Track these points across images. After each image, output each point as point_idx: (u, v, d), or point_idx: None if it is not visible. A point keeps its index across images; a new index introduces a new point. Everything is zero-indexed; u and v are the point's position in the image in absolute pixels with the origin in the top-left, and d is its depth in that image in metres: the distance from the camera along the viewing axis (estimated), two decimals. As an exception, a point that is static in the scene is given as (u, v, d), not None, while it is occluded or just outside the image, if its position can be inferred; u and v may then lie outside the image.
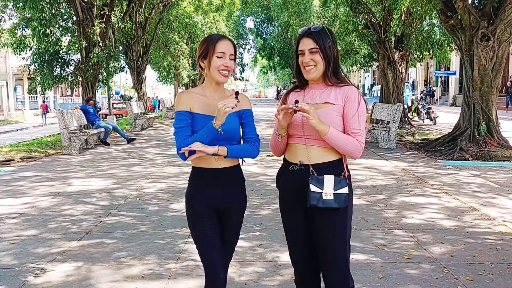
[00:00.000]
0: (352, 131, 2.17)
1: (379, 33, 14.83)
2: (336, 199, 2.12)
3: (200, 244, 2.28)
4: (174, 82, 31.60)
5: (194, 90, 2.34)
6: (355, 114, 2.17)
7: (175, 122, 2.28)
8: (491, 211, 5.15)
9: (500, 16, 9.14)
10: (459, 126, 10.19)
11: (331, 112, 2.17)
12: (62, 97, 45.76)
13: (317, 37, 2.18)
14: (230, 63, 2.25)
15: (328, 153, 2.19)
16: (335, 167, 2.19)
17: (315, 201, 2.12)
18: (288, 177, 2.27)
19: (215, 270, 2.24)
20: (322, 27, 2.21)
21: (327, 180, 2.13)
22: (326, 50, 2.17)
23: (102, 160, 9.58)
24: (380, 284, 3.29)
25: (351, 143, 2.14)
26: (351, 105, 2.18)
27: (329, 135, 2.11)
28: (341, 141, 2.13)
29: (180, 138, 2.22)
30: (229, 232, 2.34)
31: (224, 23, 28.28)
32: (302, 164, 2.20)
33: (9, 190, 6.75)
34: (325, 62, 2.18)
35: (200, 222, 2.27)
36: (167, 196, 6.09)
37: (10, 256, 4.01)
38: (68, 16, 14.31)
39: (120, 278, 3.49)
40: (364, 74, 48.78)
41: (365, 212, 5.13)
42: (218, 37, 2.27)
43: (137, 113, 17.16)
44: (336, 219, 2.18)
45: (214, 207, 2.29)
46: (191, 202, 2.31)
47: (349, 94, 2.19)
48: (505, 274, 3.46)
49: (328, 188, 2.12)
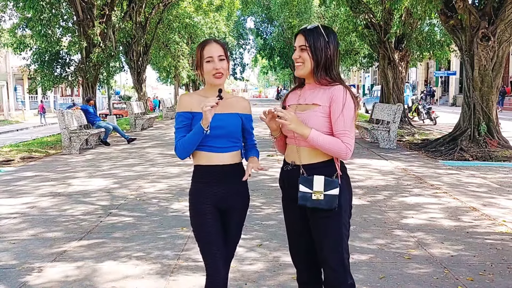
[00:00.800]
0: (337, 132, 2.15)
1: (379, 33, 14.83)
2: (325, 199, 2.13)
3: (202, 242, 2.29)
4: (174, 82, 31.62)
5: (198, 93, 2.39)
6: (339, 115, 2.14)
7: (175, 123, 2.34)
8: (491, 211, 5.15)
9: (501, 16, 9.14)
10: (459, 126, 10.19)
11: (315, 113, 2.17)
12: (62, 97, 45.79)
13: (308, 35, 2.18)
14: (219, 65, 2.27)
15: (318, 154, 2.20)
16: (326, 168, 2.19)
17: (304, 201, 2.14)
18: (282, 177, 2.33)
19: (216, 268, 2.26)
20: (317, 26, 2.20)
21: (316, 180, 2.14)
22: (315, 49, 2.16)
23: (103, 160, 9.58)
24: (381, 284, 3.30)
25: (336, 145, 2.13)
26: (336, 105, 2.15)
27: (310, 138, 2.12)
28: (324, 143, 2.12)
29: (176, 138, 2.30)
30: (231, 230, 2.36)
31: (224, 23, 28.29)
32: (294, 165, 2.24)
33: (10, 190, 6.75)
34: (312, 61, 2.18)
35: (202, 220, 2.29)
36: (168, 196, 6.09)
37: (10, 256, 4.01)
38: (69, 16, 14.32)
39: (120, 278, 3.49)
40: (364, 74, 48.75)
41: (365, 212, 5.13)
42: (204, 43, 2.32)
43: (137, 113, 17.17)
44: (328, 220, 2.18)
45: (217, 205, 2.31)
46: (193, 200, 2.33)
47: (334, 94, 2.16)
48: (505, 274, 3.46)
49: (318, 188, 2.13)
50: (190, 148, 2.26)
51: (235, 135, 2.32)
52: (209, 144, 2.28)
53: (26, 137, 18.60)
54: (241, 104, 2.40)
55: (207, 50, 2.28)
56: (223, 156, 2.29)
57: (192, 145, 2.25)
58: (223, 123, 2.27)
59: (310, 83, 2.27)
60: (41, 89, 14.61)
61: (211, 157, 2.29)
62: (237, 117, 2.34)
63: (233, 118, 2.31)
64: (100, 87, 17.34)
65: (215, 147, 2.28)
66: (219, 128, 2.26)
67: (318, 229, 2.20)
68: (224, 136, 2.28)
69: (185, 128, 2.30)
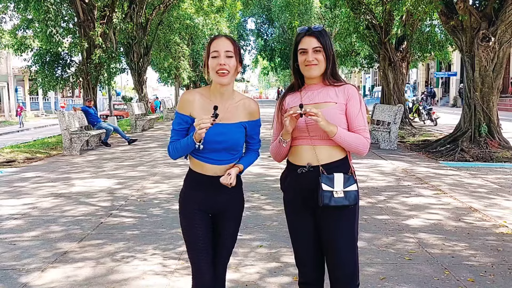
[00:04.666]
0: (358, 128, 2.20)
1: (380, 34, 14.83)
2: (346, 196, 2.15)
3: (188, 245, 2.27)
4: (175, 83, 31.65)
5: (201, 91, 2.25)
6: (359, 111, 2.21)
7: (173, 121, 2.26)
8: (492, 212, 5.15)
9: (501, 17, 9.14)
10: (460, 127, 10.19)
11: (334, 110, 2.19)
12: (63, 98, 45.82)
13: (320, 36, 2.20)
14: (225, 60, 2.10)
15: (335, 152, 2.21)
16: (343, 165, 2.21)
17: (327, 200, 2.13)
18: (294, 179, 2.25)
19: (201, 272, 2.23)
20: (323, 27, 2.25)
21: (337, 178, 2.15)
22: (328, 49, 2.21)
23: (103, 161, 9.59)
24: (381, 285, 3.29)
25: (360, 141, 2.18)
26: (354, 103, 2.21)
27: (338, 135, 2.13)
28: (350, 139, 2.16)
29: (170, 139, 2.26)
30: (223, 236, 2.31)
31: (225, 25, 28.30)
32: (310, 166, 2.20)
33: (11, 191, 6.76)
34: (327, 61, 2.21)
35: (189, 224, 2.26)
36: (169, 197, 6.10)
37: (11, 257, 4.02)
38: (70, 17, 14.34)
39: (121, 279, 3.49)
40: (365, 75, 48.77)
41: (366, 213, 5.13)
42: (213, 38, 2.18)
43: (138, 114, 17.18)
44: (345, 218, 2.20)
45: (207, 210, 2.27)
46: (183, 203, 2.31)
47: (351, 92, 2.23)
48: (506, 275, 3.46)
49: (338, 186, 2.14)
50: (181, 153, 2.21)
51: (236, 148, 2.23)
52: (205, 156, 2.20)
53: (27, 138, 18.62)
54: (248, 109, 2.24)
55: (214, 44, 2.13)
56: (219, 168, 2.21)
57: (183, 152, 2.19)
58: (223, 138, 2.15)
59: (315, 83, 2.26)
60: (41, 90, 14.59)
61: (205, 166, 2.21)
62: (241, 128, 2.22)
63: (235, 130, 2.19)
64: (101, 88, 17.35)
65: (212, 159, 2.20)
66: (218, 143, 2.16)
67: (332, 229, 2.20)
68: (224, 150, 2.19)
69: (181, 132, 2.21)
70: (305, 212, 2.26)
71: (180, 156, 2.23)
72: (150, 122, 18.08)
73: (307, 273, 2.34)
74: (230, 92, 2.24)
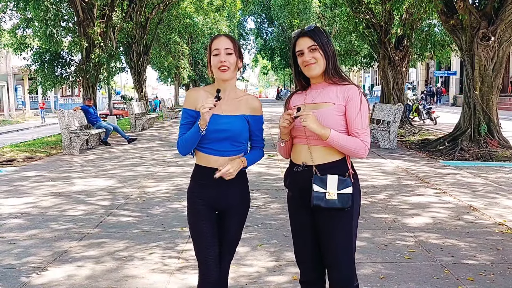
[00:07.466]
0: (356, 131, 2.15)
1: (380, 33, 14.83)
2: (339, 199, 2.12)
3: (194, 240, 2.31)
4: (175, 82, 31.63)
5: (205, 88, 2.34)
6: (358, 113, 2.15)
7: (181, 118, 2.34)
8: (491, 211, 5.15)
9: (501, 16, 9.14)
10: (460, 126, 10.19)
11: (330, 111, 2.16)
12: (62, 97, 45.81)
13: (313, 34, 2.19)
14: (225, 58, 2.21)
15: (331, 153, 2.18)
16: (338, 167, 2.18)
17: (319, 201, 2.12)
18: (292, 177, 2.28)
19: (207, 267, 2.26)
20: (315, 26, 2.23)
21: (330, 180, 2.13)
22: (324, 46, 2.19)
23: (103, 160, 9.59)
24: (381, 284, 3.30)
25: (357, 144, 2.13)
26: (353, 104, 2.16)
27: (331, 139, 2.11)
28: (345, 143, 2.12)
29: (179, 134, 2.31)
30: (228, 232, 2.34)
31: (225, 24, 28.30)
32: (305, 165, 2.20)
33: (11, 190, 6.76)
34: (325, 58, 2.19)
35: (195, 219, 2.30)
36: (169, 196, 6.10)
37: (11, 256, 4.02)
38: (69, 16, 14.33)
39: (121, 278, 3.50)
40: (364, 74, 48.78)
41: (365, 212, 5.13)
42: (213, 38, 2.28)
43: (137, 114, 17.17)
44: (341, 219, 2.18)
45: (213, 205, 2.30)
46: (190, 198, 2.34)
47: (351, 93, 2.18)
48: (505, 274, 3.46)
49: (332, 188, 2.12)
50: (189, 146, 2.26)
51: (239, 139, 2.27)
52: (208, 147, 2.25)
53: (27, 137, 18.62)
54: (250, 105, 2.31)
55: (214, 43, 2.24)
56: (224, 159, 2.25)
57: (190, 143, 2.24)
58: (226, 126, 2.21)
59: (319, 82, 2.25)
60: (41, 89, 14.58)
61: (209, 159, 2.26)
62: (243, 120, 2.27)
63: (238, 121, 2.25)
64: (100, 87, 17.34)
65: (215, 150, 2.25)
66: (221, 132, 2.22)
67: (328, 229, 2.19)
68: (227, 140, 2.23)
69: (187, 125, 2.28)
70: (304, 210, 2.26)
71: (189, 149, 2.27)
72: (149, 121, 18.08)
73: (307, 272, 2.34)
74: (232, 88, 2.33)
